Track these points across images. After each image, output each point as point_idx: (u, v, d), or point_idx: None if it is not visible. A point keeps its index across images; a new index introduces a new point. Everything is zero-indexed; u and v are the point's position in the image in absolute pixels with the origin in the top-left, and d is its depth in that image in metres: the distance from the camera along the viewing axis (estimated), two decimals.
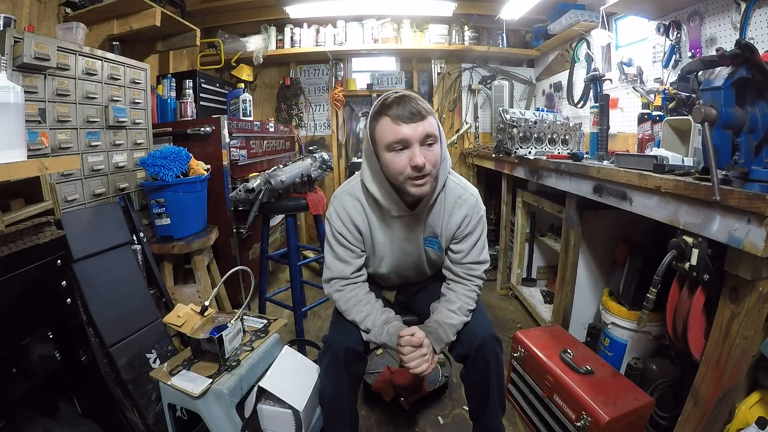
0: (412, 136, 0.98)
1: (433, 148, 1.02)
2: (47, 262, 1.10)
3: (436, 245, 1.19)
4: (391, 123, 0.99)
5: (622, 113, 2.35)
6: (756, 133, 0.87)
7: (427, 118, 0.99)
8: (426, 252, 1.20)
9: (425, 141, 1.00)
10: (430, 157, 1.01)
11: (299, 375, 1.33)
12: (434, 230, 1.17)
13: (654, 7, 1.95)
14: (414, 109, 0.98)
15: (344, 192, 1.17)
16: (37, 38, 1.36)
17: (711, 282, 0.99)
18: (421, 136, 0.98)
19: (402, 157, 1.00)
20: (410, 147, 0.99)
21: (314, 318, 2.42)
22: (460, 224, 1.15)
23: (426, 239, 1.18)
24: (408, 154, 0.99)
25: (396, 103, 0.99)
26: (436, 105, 3.63)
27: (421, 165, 0.98)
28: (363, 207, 1.15)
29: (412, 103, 0.99)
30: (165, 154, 1.76)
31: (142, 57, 2.24)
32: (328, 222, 1.18)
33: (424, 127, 0.98)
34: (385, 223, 1.15)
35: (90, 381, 1.23)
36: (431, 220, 1.16)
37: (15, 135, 0.98)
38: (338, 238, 1.15)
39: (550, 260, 2.56)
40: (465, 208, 1.14)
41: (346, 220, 1.14)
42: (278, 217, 2.88)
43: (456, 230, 1.15)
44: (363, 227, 1.16)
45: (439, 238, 1.17)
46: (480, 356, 1.08)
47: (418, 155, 0.98)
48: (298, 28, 3.38)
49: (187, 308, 1.33)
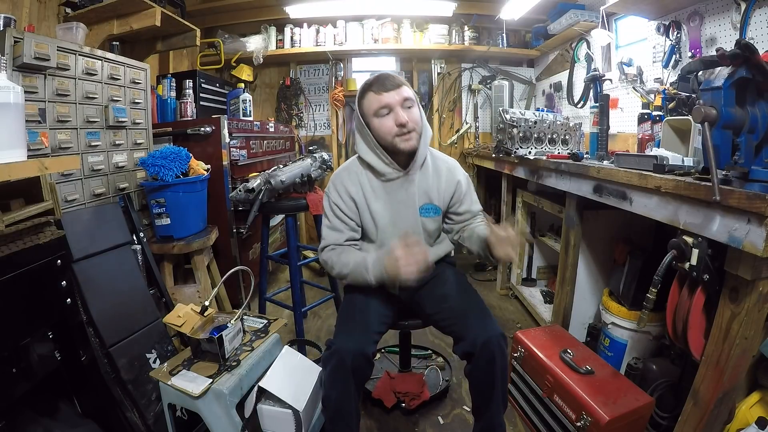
0: (393, 100, 1.19)
1: (412, 109, 1.22)
2: (47, 262, 1.10)
3: (432, 211, 1.32)
4: (375, 95, 1.20)
5: (622, 113, 2.35)
6: (756, 133, 0.87)
7: (402, 87, 1.20)
8: (423, 222, 1.32)
9: (404, 104, 1.20)
10: (411, 115, 1.21)
11: (299, 375, 1.33)
12: (429, 195, 1.32)
13: (654, 7, 1.95)
14: (391, 82, 1.20)
15: (341, 169, 1.35)
16: (37, 38, 1.36)
17: (711, 282, 0.99)
18: (400, 100, 1.19)
19: (388, 119, 1.20)
20: (393, 109, 1.19)
21: (314, 318, 2.42)
22: (456, 187, 1.33)
23: (422, 208, 1.31)
24: (392, 116, 1.20)
25: (376, 80, 1.22)
26: (436, 105, 3.64)
27: (404, 122, 1.19)
28: (358, 177, 1.30)
29: (389, 78, 1.21)
30: (165, 154, 1.76)
31: (142, 57, 2.24)
32: (326, 196, 1.33)
33: (401, 93, 1.19)
34: (382, 189, 1.29)
35: (90, 381, 1.23)
36: (425, 185, 1.31)
37: (15, 135, 0.98)
38: (333, 209, 1.29)
39: (550, 260, 2.56)
40: (456, 172, 1.35)
41: (342, 191, 1.29)
42: (278, 217, 2.88)
43: (453, 193, 1.33)
44: (358, 197, 1.29)
45: (434, 202, 1.32)
46: (486, 352, 1.08)
47: (401, 114, 1.19)
48: (298, 28, 3.38)
49: (187, 308, 1.33)
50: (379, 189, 1.29)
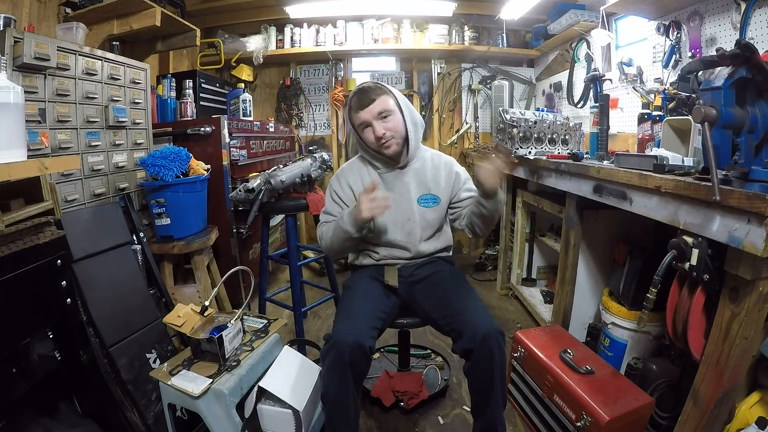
0: (369, 116, 1.30)
1: (389, 119, 1.31)
2: (47, 262, 1.10)
3: (432, 201, 1.40)
4: (354, 113, 1.34)
5: (622, 113, 2.35)
6: (756, 133, 0.87)
7: (378, 99, 1.29)
8: (423, 212, 1.39)
9: (380, 116, 1.30)
10: (389, 125, 1.31)
11: (299, 375, 1.33)
12: (427, 185, 1.40)
13: (654, 7, 1.95)
14: (366, 98, 1.29)
15: (346, 164, 1.49)
16: (37, 38, 1.36)
17: (711, 282, 0.99)
18: (375, 114, 1.30)
19: (369, 132, 1.33)
20: (371, 124, 1.31)
21: (314, 318, 2.42)
22: (455, 178, 1.42)
23: (421, 198, 1.39)
24: (371, 129, 1.31)
25: (354, 96, 1.33)
26: (436, 105, 3.64)
27: (380, 135, 1.30)
28: (359, 171, 1.42)
29: (366, 94, 1.30)
30: (165, 154, 1.76)
31: (142, 57, 2.24)
32: (328, 187, 1.45)
33: (376, 107, 1.29)
34: (380, 181, 1.39)
35: (90, 381, 1.23)
36: (423, 177, 1.40)
37: (15, 135, 0.98)
38: (332, 196, 1.42)
39: (550, 260, 2.56)
40: (454, 166, 1.45)
41: (342, 181, 1.43)
42: (278, 217, 2.88)
43: (453, 183, 1.42)
44: (356, 187, 1.40)
45: (432, 192, 1.40)
46: (484, 349, 1.09)
47: (376, 129, 1.30)
48: (298, 28, 3.37)
49: (187, 308, 1.33)
50: (377, 181, 1.37)
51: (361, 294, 1.30)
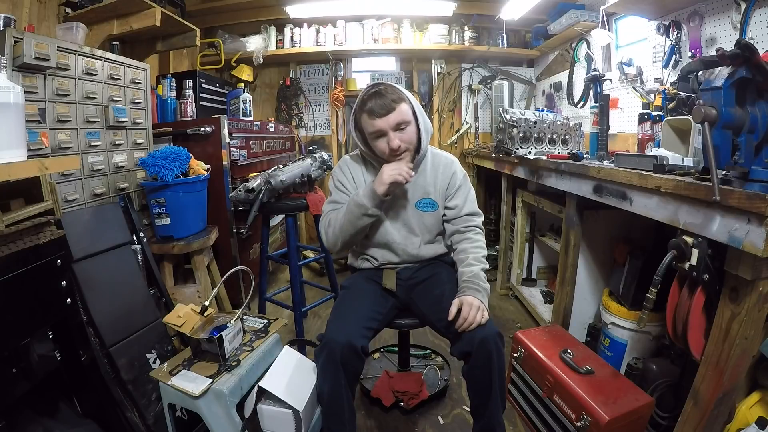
0: (386, 125, 1.20)
1: (406, 130, 1.23)
2: (47, 262, 1.10)
3: (430, 205, 1.35)
4: (368, 118, 1.22)
5: (622, 113, 2.35)
6: (756, 133, 0.86)
7: (397, 108, 1.20)
8: (421, 216, 1.35)
9: (398, 127, 1.21)
10: (404, 137, 1.23)
11: (299, 375, 1.32)
12: (426, 190, 1.35)
13: (654, 7, 1.95)
14: (385, 104, 1.19)
15: (347, 156, 1.43)
16: (37, 38, 1.36)
17: (711, 282, 0.99)
18: (393, 124, 1.20)
19: (382, 142, 1.23)
20: (386, 134, 1.21)
21: (314, 318, 2.42)
22: (450, 179, 1.35)
23: (419, 202, 1.34)
24: (386, 139, 1.22)
25: (370, 99, 1.21)
26: (436, 105, 3.64)
27: (395, 147, 1.21)
28: (360, 166, 1.38)
29: (384, 99, 1.19)
30: (165, 154, 1.76)
31: (142, 57, 2.24)
32: (331, 177, 1.41)
33: (395, 117, 1.20)
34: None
35: (90, 381, 1.23)
36: (422, 181, 1.34)
37: (15, 135, 0.98)
38: (336, 185, 1.37)
39: (550, 260, 2.56)
40: (453, 166, 1.37)
41: (345, 171, 1.37)
42: (278, 217, 2.88)
43: (448, 184, 1.35)
44: (358, 178, 1.36)
45: (431, 196, 1.35)
46: (482, 351, 1.09)
47: (393, 140, 1.21)
48: (298, 28, 3.37)
49: (187, 308, 1.33)
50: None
51: (356, 295, 1.29)
